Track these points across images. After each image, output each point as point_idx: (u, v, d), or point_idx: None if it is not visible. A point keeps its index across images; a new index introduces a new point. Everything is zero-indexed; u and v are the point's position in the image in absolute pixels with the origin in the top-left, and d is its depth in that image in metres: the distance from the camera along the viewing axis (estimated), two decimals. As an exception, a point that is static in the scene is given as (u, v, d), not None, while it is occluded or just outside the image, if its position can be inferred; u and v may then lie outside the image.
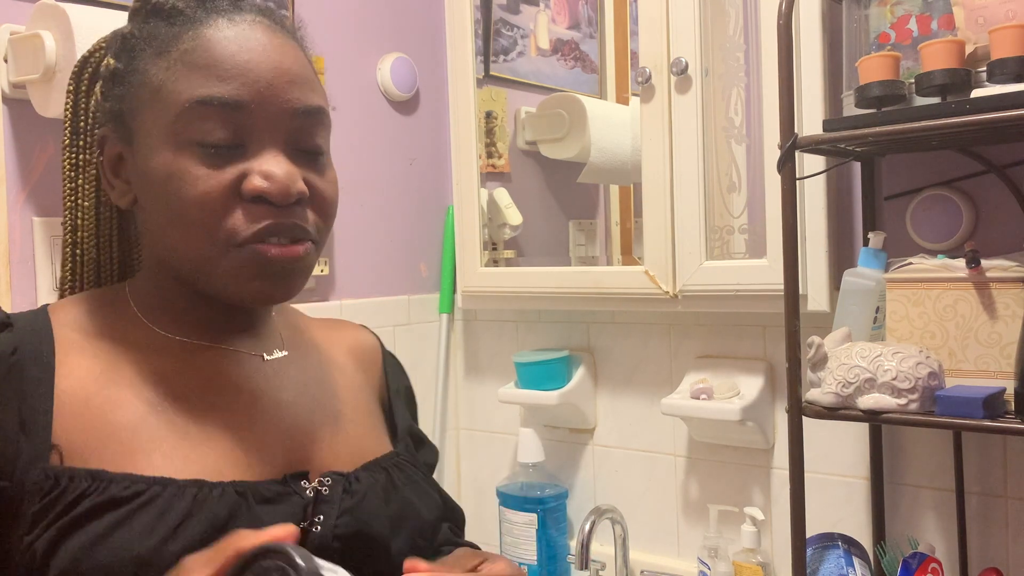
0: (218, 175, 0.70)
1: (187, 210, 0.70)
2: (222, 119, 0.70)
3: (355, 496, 0.76)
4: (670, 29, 1.39)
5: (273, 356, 0.81)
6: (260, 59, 0.72)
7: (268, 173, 0.70)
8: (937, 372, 1.05)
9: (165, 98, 0.71)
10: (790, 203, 1.11)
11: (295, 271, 0.73)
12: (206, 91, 0.70)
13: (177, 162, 0.70)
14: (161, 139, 0.71)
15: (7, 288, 1.20)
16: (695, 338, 1.52)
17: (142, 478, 0.67)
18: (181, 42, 0.72)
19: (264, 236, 0.71)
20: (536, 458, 1.62)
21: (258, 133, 0.72)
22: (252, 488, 0.70)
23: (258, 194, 0.70)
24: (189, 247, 0.72)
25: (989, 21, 1.04)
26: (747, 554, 1.38)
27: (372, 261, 1.70)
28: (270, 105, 0.72)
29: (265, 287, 0.72)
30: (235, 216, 0.70)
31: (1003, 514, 1.25)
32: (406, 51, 1.75)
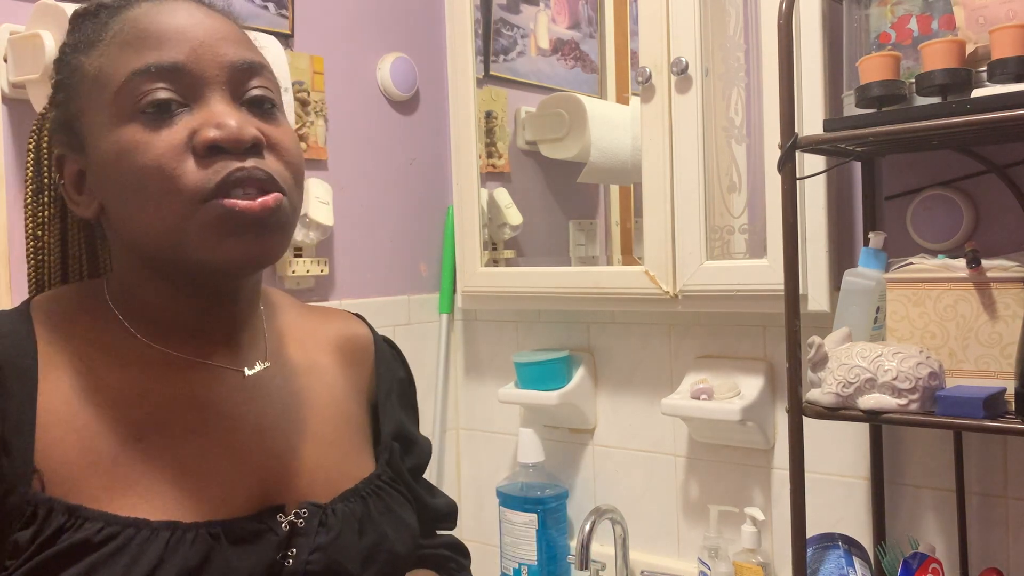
0: (168, 135, 0.68)
1: (145, 179, 0.67)
2: (161, 83, 0.69)
3: (330, 531, 0.75)
4: (670, 29, 1.39)
5: (255, 370, 0.78)
6: (190, 23, 0.71)
7: (219, 122, 0.68)
8: (937, 372, 1.05)
9: (103, 81, 0.70)
10: (790, 203, 1.11)
11: (270, 225, 0.69)
12: (141, 61, 0.69)
13: (124, 135, 0.68)
14: (106, 121, 0.70)
15: (7, 288, 1.19)
16: (695, 338, 1.52)
17: (117, 519, 0.65)
18: (108, 29, 0.71)
19: (228, 187, 0.67)
20: (536, 458, 1.62)
21: (200, 89, 0.70)
22: (226, 528, 0.69)
23: (211, 144, 0.67)
24: (156, 219, 0.68)
25: (990, 21, 1.04)
26: (747, 554, 1.38)
27: (372, 261, 1.70)
28: (206, 61, 0.70)
29: (240, 245, 0.68)
30: (193, 172, 0.67)
31: (1003, 514, 1.25)
32: (406, 51, 1.75)
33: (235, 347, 0.78)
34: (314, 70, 1.59)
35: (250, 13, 1.48)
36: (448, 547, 0.97)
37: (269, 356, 0.81)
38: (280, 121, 0.75)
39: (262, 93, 0.73)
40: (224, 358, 0.77)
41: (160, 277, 0.74)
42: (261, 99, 0.73)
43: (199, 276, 0.72)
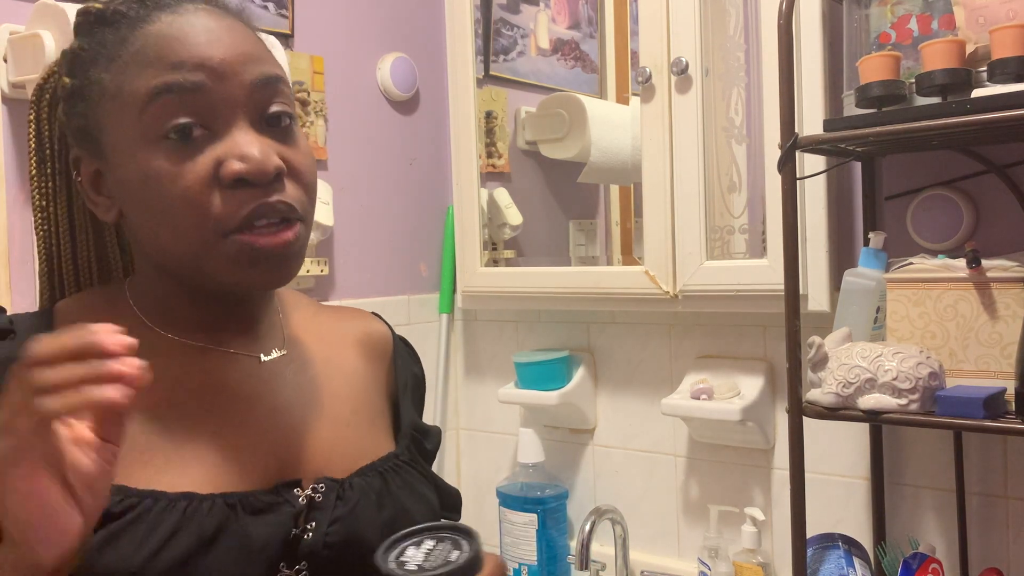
0: (194, 167, 0.69)
1: (171, 208, 0.70)
2: (183, 105, 0.70)
3: (347, 503, 0.76)
4: (670, 29, 1.39)
5: (271, 356, 0.80)
6: (209, 41, 0.71)
7: (243, 154, 0.70)
8: (937, 372, 1.05)
9: (125, 100, 0.71)
10: (790, 203, 1.11)
11: (288, 256, 0.73)
12: (162, 80, 0.69)
13: (151, 162, 0.70)
14: (131, 143, 0.71)
15: (7, 288, 1.19)
16: (695, 338, 1.52)
17: (135, 491, 0.68)
18: (129, 44, 0.72)
19: (252, 221, 0.70)
20: (536, 458, 1.62)
21: (222, 112, 0.71)
22: (242, 499, 0.71)
23: (237, 177, 0.69)
24: (180, 244, 0.71)
25: (990, 21, 1.04)
26: (747, 554, 1.38)
27: (372, 261, 1.70)
28: (227, 81, 0.71)
29: (260, 275, 0.72)
30: (219, 205, 0.69)
31: (1003, 514, 1.25)
32: (406, 51, 1.75)
33: (252, 337, 0.80)
34: (314, 70, 1.59)
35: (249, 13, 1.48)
36: None
37: (286, 346, 0.83)
38: (297, 138, 0.76)
39: (281, 109, 0.74)
40: (241, 346, 0.79)
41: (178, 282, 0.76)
42: (279, 116, 0.74)
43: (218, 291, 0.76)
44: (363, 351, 0.90)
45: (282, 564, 0.72)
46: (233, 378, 0.78)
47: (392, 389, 0.92)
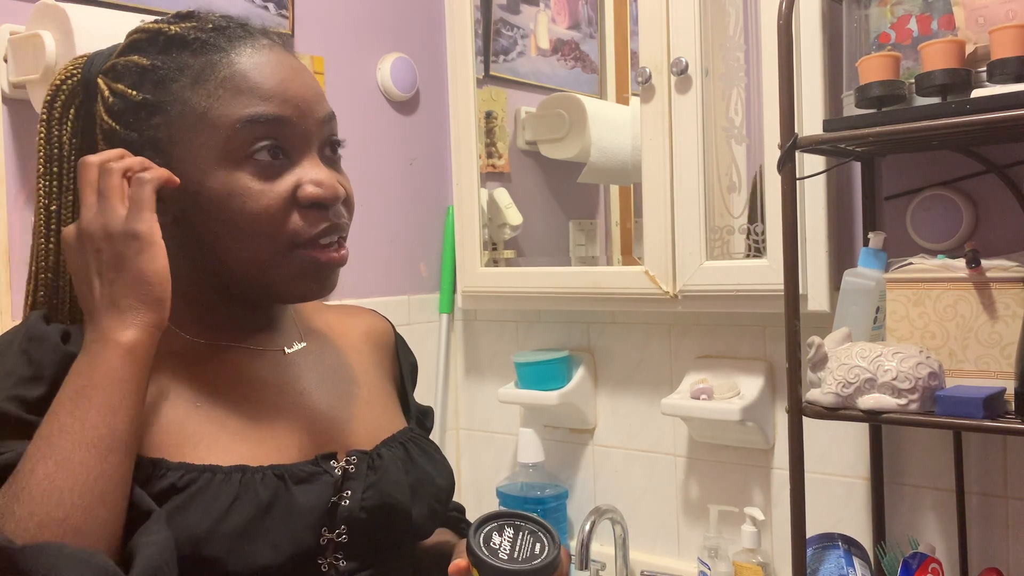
0: (275, 187, 0.79)
1: (252, 222, 0.78)
2: (268, 134, 0.79)
3: (378, 471, 0.84)
4: (670, 29, 1.39)
5: (293, 349, 0.89)
6: (291, 78, 0.81)
7: (318, 180, 0.80)
8: (937, 372, 1.05)
9: (213, 122, 0.78)
10: (790, 203, 1.11)
11: (335, 271, 0.84)
12: (253, 111, 0.78)
13: (235, 180, 0.78)
14: (213, 160, 0.78)
15: (7, 288, 1.20)
16: (695, 338, 1.52)
17: (194, 467, 0.75)
18: (217, 70, 0.79)
19: (319, 239, 0.80)
20: (536, 458, 1.62)
21: (298, 143, 0.81)
22: (288, 470, 0.79)
23: (315, 200, 0.79)
24: (251, 254, 0.80)
25: (989, 21, 1.04)
26: (747, 554, 1.38)
27: (372, 261, 1.70)
28: (306, 118, 0.81)
29: (316, 286, 0.83)
30: (295, 221, 0.79)
31: (1003, 514, 1.25)
32: (406, 51, 1.75)
33: (273, 334, 0.89)
34: (314, 70, 1.59)
35: (250, 13, 1.48)
36: (456, 510, 1.07)
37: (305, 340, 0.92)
38: (342, 170, 0.87)
39: (336, 139, 0.86)
40: (264, 343, 0.88)
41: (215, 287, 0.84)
42: (335, 145, 0.85)
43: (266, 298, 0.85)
44: (369, 342, 1.00)
45: (324, 528, 0.79)
46: (262, 370, 0.86)
47: (396, 375, 1.02)
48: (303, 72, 0.83)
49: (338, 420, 0.87)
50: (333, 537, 0.80)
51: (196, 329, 0.85)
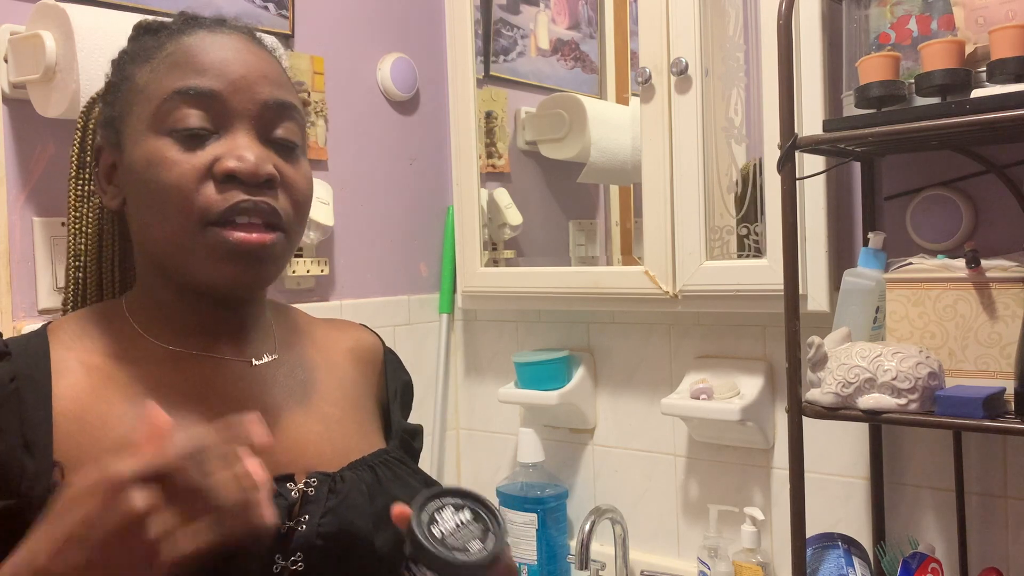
0: (193, 158, 0.75)
1: (165, 192, 0.75)
2: (197, 107, 0.76)
3: (339, 495, 0.79)
4: (670, 29, 1.39)
5: (262, 361, 0.84)
6: (235, 57, 0.78)
7: (239, 155, 0.75)
8: (937, 372, 1.05)
9: (148, 94, 0.77)
10: (790, 203, 1.11)
11: (263, 258, 0.77)
12: (183, 83, 0.76)
13: (156, 148, 0.75)
14: (143, 130, 0.77)
15: (7, 288, 1.20)
16: (695, 338, 1.52)
17: None
18: (164, 49, 0.79)
19: (235, 213, 0.74)
20: (536, 458, 1.62)
21: (230, 120, 0.77)
22: None
23: (229, 173, 0.74)
24: (167, 229, 0.76)
25: (989, 21, 1.04)
26: (747, 554, 1.38)
27: (372, 261, 1.70)
28: (242, 95, 0.77)
29: (233, 271, 0.76)
30: (208, 194, 0.74)
31: (1003, 514, 1.25)
32: (406, 51, 1.75)
33: (243, 343, 0.84)
34: (314, 70, 1.59)
35: (250, 13, 1.48)
36: None
37: (278, 351, 0.87)
38: (300, 161, 0.81)
39: (286, 136, 0.80)
40: (232, 352, 0.83)
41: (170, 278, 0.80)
42: (284, 142, 0.80)
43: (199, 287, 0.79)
44: (354, 359, 0.94)
45: (278, 556, 0.74)
46: (224, 382, 0.81)
47: (382, 395, 0.96)
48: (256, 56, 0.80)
49: (302, 440, 0.82)
50: (288, 565, 0.75)
51: (160, 330, 0.81)
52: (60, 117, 1.17)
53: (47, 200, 1.24)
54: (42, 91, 1.16)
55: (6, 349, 0.77)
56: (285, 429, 0.81)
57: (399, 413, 0.96)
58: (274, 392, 0.83)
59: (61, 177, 1.24)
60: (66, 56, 1.12)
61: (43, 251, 1.23)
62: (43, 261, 1.23)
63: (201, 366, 0.81)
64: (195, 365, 0.81)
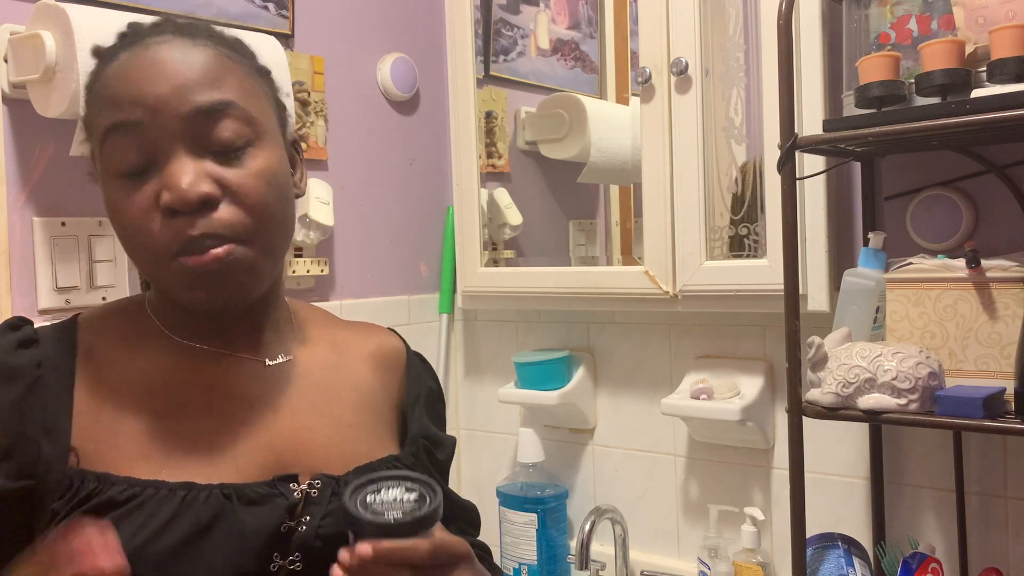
0: (139, 198, 0.76)
1: (126, 233, 0.77)
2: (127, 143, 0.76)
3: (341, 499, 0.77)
4: (670, 29, 1.39)
5: (276, 361, 0.85)
6: (150, 77, 0.76)
7: (170, 184, 0.74)
8: (937, 372, 1.05)
9: (92, 133, 0.80)
10: (790, 203, 1.11)
11: (224, 273, 0.76)
12: (108, 119, 0.76)
13: (112, 191, 0.78)
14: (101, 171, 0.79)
15: (7, 288, 1.20)
16: (695, 338, 1.52)
17: (139, 481, 0.73)
18: (97, 83, 0.79)
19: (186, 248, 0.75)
20: (536, 458, 1.62)
21: (161, 145, 0.76)
22: (238, 490, 0.75)
23: (167, 207, 0.74)
24: (141, 264, 0.79)
25: (989, 21, 1.04)
26: (747, 554, 1.38)
27: (372, 261, 1.70)
28: (162, 116, 0.75)
29: (205, 294, 0.77)
30: (159, 231, 0.75)
31: (1003, 514, 1.25)
32: (406, 51, 1.75)
33: (258, 343, 0.86)
34: (314, 70, 1.59)
35: (250, 13, 1.48)
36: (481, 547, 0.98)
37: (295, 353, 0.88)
38: (247, 160, 0.78)
39: (226, 135, 0.77)
40: (247, 351, 0.85)
41: None
42: (224, 146, 0.77)
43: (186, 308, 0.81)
44: (375, 363, 0.94)
45: (276, 555, 0.75)
46: (237, 380, 0.83)
47: (402, 401, 0.96)
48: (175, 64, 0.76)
49: (311, 441, 0.82)
50: (285, 564, 0.76)
51: (181, 331, 0.83)
52: (60, 117, 1.16)
53: (47, 200, 1.24)
54: (42, 91, 1.16)
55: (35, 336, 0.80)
56: (293, 430, 0.82)
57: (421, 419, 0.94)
58: (287, 393, 0.84)
59: (61, 177, 1.25)
60: (66, 56, 1.12)
61: (43, 251, 1.23)
62: (43, 261, 1.23)
63: (215, 364, 0.82)
64: (209, 362, 0.82)
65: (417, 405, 0.95)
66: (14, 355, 0.77)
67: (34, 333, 0.80)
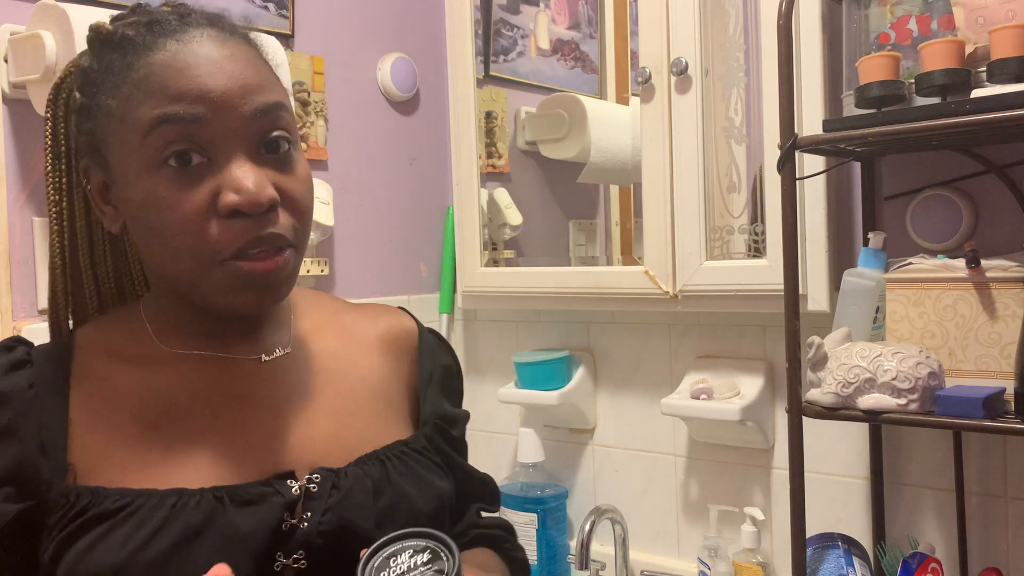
0: (192, 195, 0.72)
1: (171, 234, 0.73)
2: (183, 136, 0.72)
3: (342, 491, 0.77)
4: (670, 29, 1.39)
5: (272, 356, 0.83)
6: (210, 71, 0.73)
7: (238, 186, 0.72)
8: (937, 372, 1.05)
9: (128, 127, 0.73)
10: (790, 203, 1.11)
11: (276, 282, 0.76)
12: (162, 111, 0.72)
13: (152, 188, 0.73)
14: (134, 167, 0.74)
15: (7, 288, 1.20)
16: (695, 338, 1.52)
17: (130, 491, 0.72)
18: (134, 71, 0.74)
19: (246, 250, 0.73)
20: (536, 458, 1.62)
21: (221, 144, 0.73)
22: (231, 492, 0.73)
23: (233, 208, 0.72)
24: (177, 267, 0.75)
25: (989, 21, 1.04)
26: (747, 554, 1.38)
27: (372, 261, 1.70)
28: (227, 113, 0.73)
29: (252, 299, 0.75)
30: (215, 234, 0.72)
31: (1003, 514, 1.25)
32: (406, 51, 1.75)
33: (254, 340, 0.84)
34: (314, 70, 1.59)
35: (250, 13, 1.48)
36: (502, 527, 0.98)
37: (293, 345, 0.85)
38: (295, 165, 0.78)
39: (279, 135, 0.76)
40: (241, 350, 0.83)
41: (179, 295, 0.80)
42: (278, 141, 0.76)
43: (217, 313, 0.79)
44: (384, 347, 0.92)
45: (279, 554, 0.74)
46: (233, 381, 0.81)
47: (414, 382, 0.93)
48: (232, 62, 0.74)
49: (309, 435, 0.80)
50: (290, 563, 0.74)
51: (173, 336, 0.81)
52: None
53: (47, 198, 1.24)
54: (42, 91, 1.16)
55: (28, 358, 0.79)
56: (290, 426, 0.80)
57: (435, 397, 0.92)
58: (282, 388, 0.82)
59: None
60: (66, 56, 1.12)
61: (43, 251, 1.23)
62: (43, 261, 1.23)
63: (208, 367, 0.81)
64: (202, 366, 0.80)
65: (431, 385, 0.93)
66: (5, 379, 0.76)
67: (27, 355, 0.79)
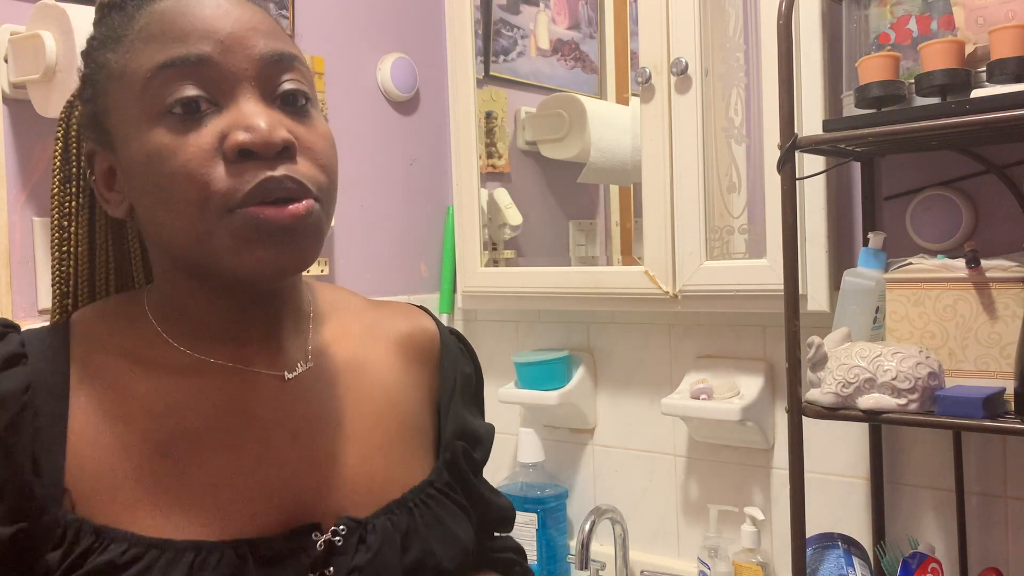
0: (196, 139, 0.64)
1: (173, 186, 0.64)
2: (187, 79, 0.65)
3: (370, 549, 0.71)
4: (670, 29, 1.39)
5: (295, 373, 0.75)
6: (218, 13, 0.67)
7: (248, 123, 0.64)
8: (937, 372, 1.05)
9: (129, 78, 0.67)
10: (790, 203, 1.11)
11: (300, 232, 0.66)
12: (165, 54, 0.65)
13: (153, 138, 0.65)
14: (134, 122, 0.67)
15: (7, 288, 1.20)
16: (695, 338, 1.52)
17: (141, 540, 0.64)
18: (135, 22, 0.68)
19: (258, 195, 0.64)
20: (536, 458, 1.62)
21: (228, 85, 0.66)
22: (253, 548, 0.66)
23: (241, 148, 0.64)
24: (184, 226, 0.65)
25: (989, 21, 1.04)
26: (747, 554, 1.38)
27: (372, 261, 1.70)
28: (235, 54, 0.66)
29: (270, 254, 0.65)
30: (223, 179, 0.64)
31: (1003, 514, 1.25)
32: (406, 51, 1.75)
33: (275, 348, 0.75)
34: (314, 70, 1.59)
35: (250, 13, 1.48)
36: (514, 550, 0.92)
37: (314, 355, 0.77)
38: (313, 118, 0.71)
39: (295, 87, 0.69)
40: (263, 361, 0.74)
41: (194, 279, 0.71)
42: (294, 94, 0.69)
43: (230, 282, 0.69)
44: (406, 354, 0.84)
45: None
46: (253, 401, 0.72)
47: (436, 394, 0.86)
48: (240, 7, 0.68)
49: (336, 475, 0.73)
50: None
51: (183, 332, 0.72)
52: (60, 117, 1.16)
53: (47, 200, 1.24)
54: (42, 91, 1.16)
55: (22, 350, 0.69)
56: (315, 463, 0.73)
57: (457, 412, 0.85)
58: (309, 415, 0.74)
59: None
60: (66, 56, 1.12)
61: (43, 251, 1.23)
62: (43, 261, 1.23)
63: (229, 381, 0.72)
64: (222, 379, 0.71)
65: (452, 399, 0.85)
66: None
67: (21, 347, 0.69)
